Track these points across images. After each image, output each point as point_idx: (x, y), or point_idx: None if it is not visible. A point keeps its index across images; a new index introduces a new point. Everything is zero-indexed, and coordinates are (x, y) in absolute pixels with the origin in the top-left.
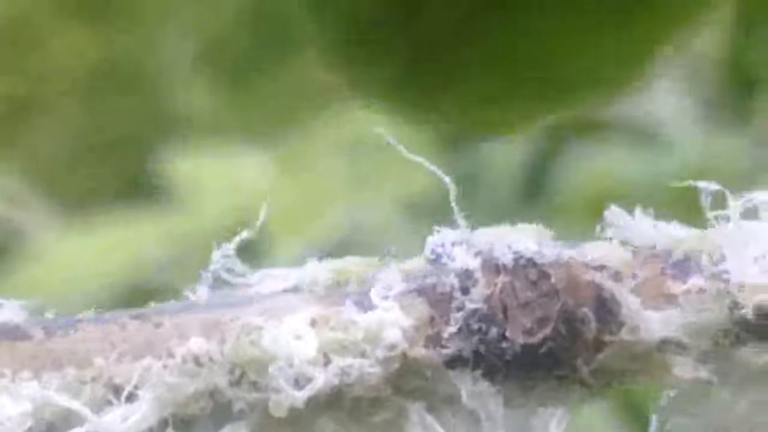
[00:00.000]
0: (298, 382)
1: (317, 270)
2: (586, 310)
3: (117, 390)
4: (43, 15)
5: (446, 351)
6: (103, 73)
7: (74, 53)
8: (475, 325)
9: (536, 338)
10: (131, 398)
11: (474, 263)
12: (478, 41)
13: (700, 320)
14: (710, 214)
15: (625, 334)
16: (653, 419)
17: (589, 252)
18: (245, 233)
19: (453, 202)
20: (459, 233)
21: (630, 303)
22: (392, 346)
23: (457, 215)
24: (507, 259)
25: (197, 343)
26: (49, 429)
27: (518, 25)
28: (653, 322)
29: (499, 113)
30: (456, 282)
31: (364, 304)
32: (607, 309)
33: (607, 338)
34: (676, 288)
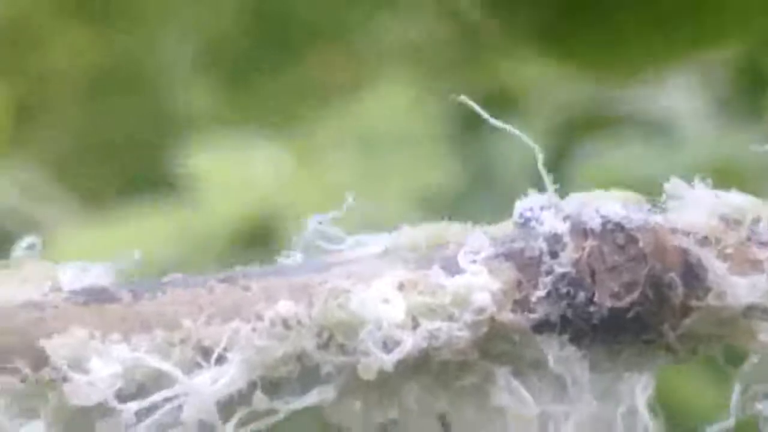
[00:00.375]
0: (387, 345)
1: (408, 235)
2: (673, 275)
3: (205, 352)
4: (44, 16)
5: (534, 315)
6: (105, 73)
7: (75, 54)
8: (563, 289)
9: (624, 302)
10: (220, 360)
11: (563, 227)
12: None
13: None
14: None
15: (711, 300)
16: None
17: (675, 218)
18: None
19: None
20: (546, 197)
21: (717, 268)
22: (481, 310)
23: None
24: (595, 223)
25: (285, 306)
26: (139, 390)
27: None
28: (740, 288)
29: (647, 53)
30: (545, 246)
31: (451, 268)
32: (694, 274)
33: (693, 303)
34: (761, 254)
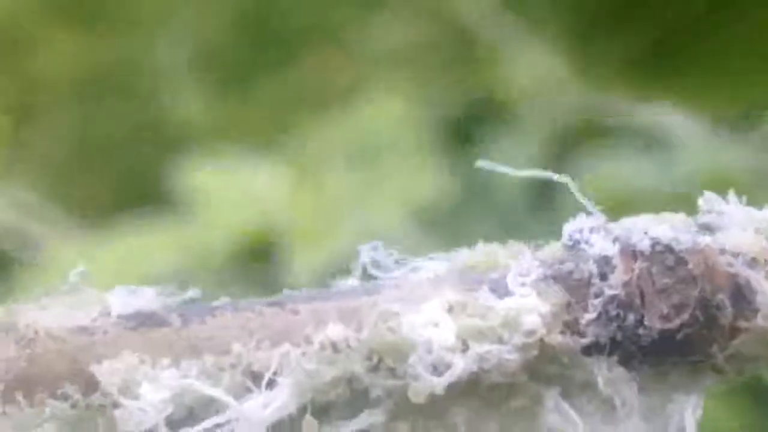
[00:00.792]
0: (437, 369)
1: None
2: (722, 296)
3: (255, 377)
4: (37, 21)
5: (584, 338)
6: (98, 79)
7: (68, 60)
8: (613, 312)
9: (673, 324)
10: (270, 385)
11: (612, 249)
12: (712, 35)
13: None
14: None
15: (760, 321)
16: None
17: (724, 239)
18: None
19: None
20: (595, 219)
21: (766, 289)
22: (531, 333)
23: (587, 204)
24: (644, 245)
25: (335, 330)
26: (190, 415)
27: (750, 19)
28: None
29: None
30: (594, 268)
31: (501, 290)
32: (742, 295)
33: (742, 324)
34: None
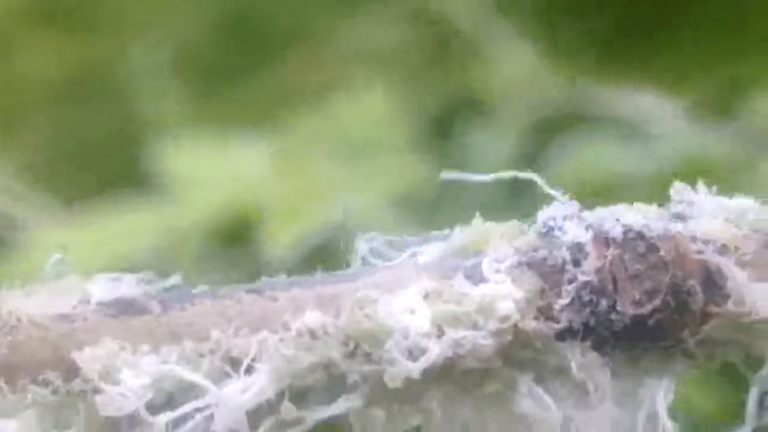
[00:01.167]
0: (412, 354)
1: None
2: (693, 282)
3: (234, 362)
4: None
5: (557, 323)
6: (77, 80)
7: (47, 61)
8: (586, 297)
9: (645, 310)
10: (249, 371)
11: (585, 236)
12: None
13: None
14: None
15: (730, 306)
16: (753, 389)
17: (695, 226)
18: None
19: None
20: (568, 207)
21: (736, 276)
22: (505, 318)
23: (557, 195)
24: (616, 232)
25: (312, 317)
26: (169, 400)
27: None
28: (759, 295)
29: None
30: (568, 255)
31: (475, 277)
32: (713, 281)
33: (713, 310)
34: None
